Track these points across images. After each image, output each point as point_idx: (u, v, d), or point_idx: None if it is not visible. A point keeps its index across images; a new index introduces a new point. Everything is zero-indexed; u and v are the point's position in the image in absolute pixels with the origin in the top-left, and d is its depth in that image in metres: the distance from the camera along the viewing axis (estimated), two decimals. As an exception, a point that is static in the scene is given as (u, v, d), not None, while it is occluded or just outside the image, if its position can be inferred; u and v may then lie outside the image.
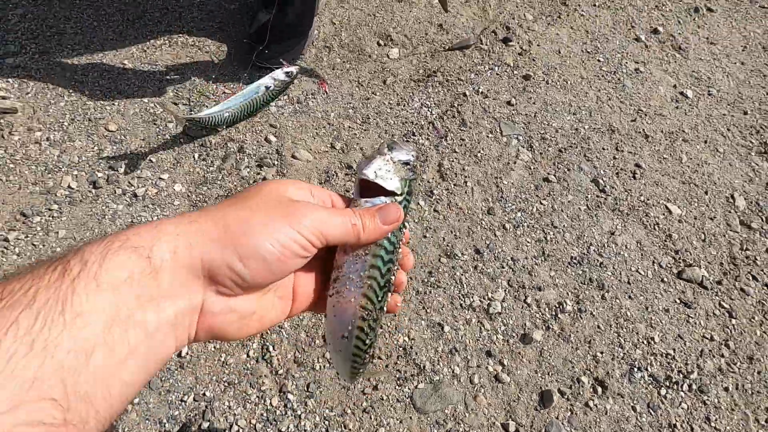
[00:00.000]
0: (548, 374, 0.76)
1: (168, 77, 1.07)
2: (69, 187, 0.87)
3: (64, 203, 0.85)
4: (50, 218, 0.83)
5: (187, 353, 0.73)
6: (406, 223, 0.35)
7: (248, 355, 0.74)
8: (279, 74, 1.00)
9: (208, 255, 0.25)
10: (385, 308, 0.34)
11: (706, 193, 1.05)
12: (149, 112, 1.01)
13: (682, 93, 1.25)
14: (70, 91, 1.02)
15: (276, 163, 0.96)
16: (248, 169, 0.95)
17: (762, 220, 1.02)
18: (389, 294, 0.34)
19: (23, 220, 0.83)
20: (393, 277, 0.34)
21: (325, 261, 0.34)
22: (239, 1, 1.25)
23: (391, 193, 0.34)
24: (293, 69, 1.02)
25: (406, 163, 0.36)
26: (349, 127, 1.05)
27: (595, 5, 1.45)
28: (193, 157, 0.95)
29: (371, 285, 0.33)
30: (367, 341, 0.33)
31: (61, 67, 1.06)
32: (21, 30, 1.11)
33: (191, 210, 0.88)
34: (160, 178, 0.91)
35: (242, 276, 0.26)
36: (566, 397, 0.74)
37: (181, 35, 1.17)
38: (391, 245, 0.34)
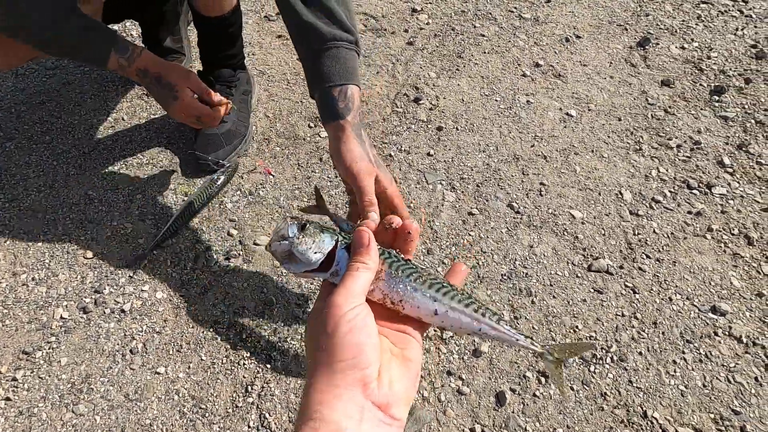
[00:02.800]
0: (500, 377, 0.92)
1: (131, 198, 1.22)
2: (62, 317, 0.99)
3: (60, 333, 0.96)
4: (50, 350, 0.94)
5: (196, 438, 0.84)
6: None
7: (249, 426, 0.86)
8: (221, 171, 1.20)
9: None
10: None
11: (599, 194, 1.27)
12: (120, 234, 1.14)
13: (567, 114, 1.50)
14: (45, 230, 1.14)
15: (240, 253, 1.11)
16: (217, 264, 1.09)
17: (647, 206, 1.25)
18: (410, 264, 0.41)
19: (26, 358, 0.93)
20: (405, 260, 0.41)
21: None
22: (181, 115, 1.43)
23: (334, 249, 0.39)
24: (232, 164, 1.23)
25: (303, 226, 0.40)
26: (298, 206, 1.22)
27: (485, 53, 1.71)
28: (167, 263, 1.08)
29: (407, 275, 0.39)
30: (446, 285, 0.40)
31: (31, 210, 1.18)
32: (-13, 184, 1.24)
33: (176, 313, 1.01)
34: (142, 290, 1.04)
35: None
36: (517, 393, 0.90)
37: (134, 156, 1.32)
38: (384, 251, 0.41)
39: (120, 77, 1.52)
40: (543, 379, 0.92)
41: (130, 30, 1.71)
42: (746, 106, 1.53)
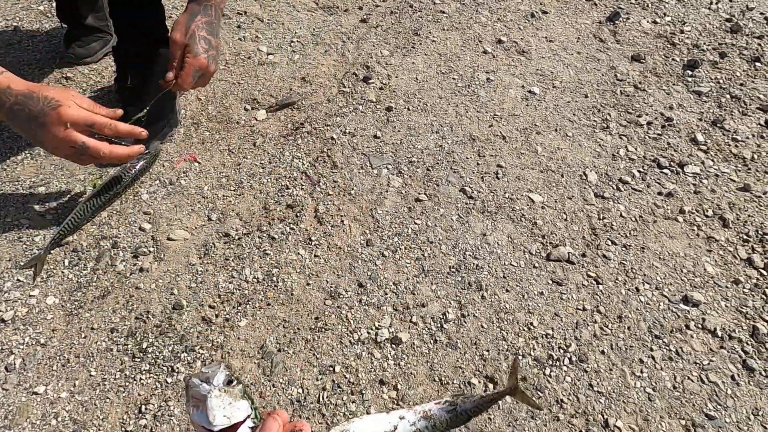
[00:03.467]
0: (441, 386, 0.79)
1: (32, 191, 1.07)
2: (-72, 330, 0.84)
3: (-77, 349, 0.81)
4: None
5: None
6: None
7: (142, 454, 0.72)
8: (138, 158, 1.04)
9: None
10: None
11: (562, 176, 1.15)
12: (14, 231, 0.99)
13: (530, 91, 1.38)
14: (-75, 229, 0.99)
15: (152, 249, 0.97)
16: (124, 263, 0.94)
17: (613, 188, 1.13)
18: None
19: None
20: None
21: None
22: (100, 101, 1.27)
23: (241, 422, 0.35)
24: (152, 150, 1.07)
25: (231, 381, 0.36)
26: (224, 195, 1.08)
27: (444, 30, 1.59)
28: (64, 264, 0.94)
29: None
30: None
31: None
32: None
33: (67, 321, 0.86)
34: (30, 296, 0.89)
35: None
36: (459, 403, 0.77)
37: (43, 145, 1.16)
38: None
39: (37, 58, 1.37)
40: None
41: (55, 10, 1.55)
42: (721, 81, 1.42)
